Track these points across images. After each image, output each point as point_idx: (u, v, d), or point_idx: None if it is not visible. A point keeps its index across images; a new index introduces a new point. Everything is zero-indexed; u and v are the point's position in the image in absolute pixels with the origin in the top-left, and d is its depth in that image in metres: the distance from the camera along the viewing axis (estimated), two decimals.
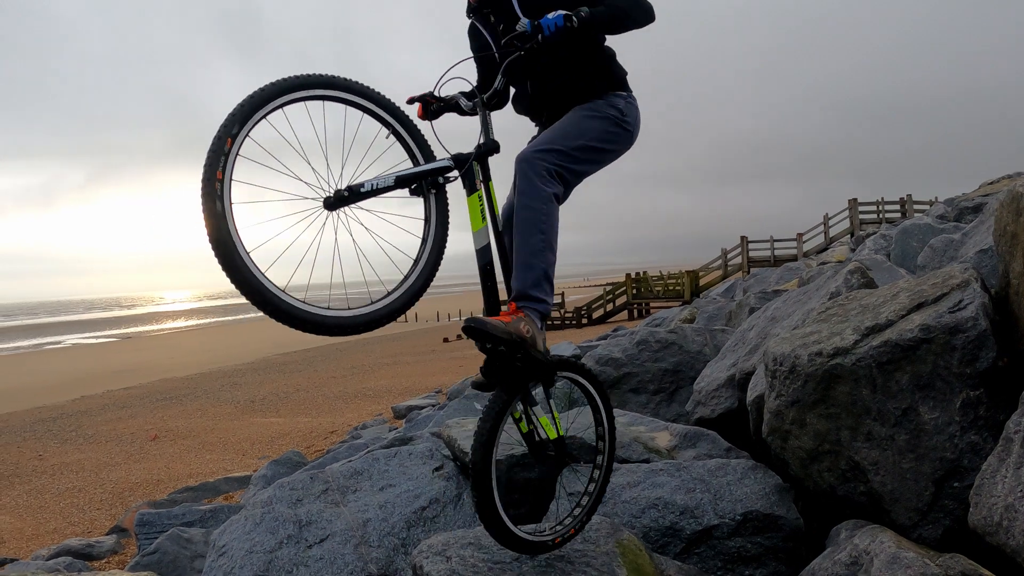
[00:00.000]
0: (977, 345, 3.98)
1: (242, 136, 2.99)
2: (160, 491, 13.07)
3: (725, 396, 6.29)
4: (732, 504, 4.46)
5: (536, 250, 3.63)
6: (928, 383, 4.03)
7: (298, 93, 3.18)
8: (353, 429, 15.90)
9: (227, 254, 2.88)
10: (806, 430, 4.37)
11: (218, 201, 2.86)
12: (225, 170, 2.91)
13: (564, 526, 3.91)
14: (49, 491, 14.08)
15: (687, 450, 5.38)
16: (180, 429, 19.51)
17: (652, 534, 4.39)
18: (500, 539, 3.63)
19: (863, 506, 4.21)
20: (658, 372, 7.97)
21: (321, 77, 3.26)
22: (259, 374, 32.08)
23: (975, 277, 4.43)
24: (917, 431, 4.02)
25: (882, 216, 43.23)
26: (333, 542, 4.98)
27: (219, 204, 2.86)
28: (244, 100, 3.03)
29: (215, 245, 2.86)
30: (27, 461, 17.04)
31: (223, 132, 2.94)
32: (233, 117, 2.97)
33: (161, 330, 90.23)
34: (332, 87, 3.30)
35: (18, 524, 12.07)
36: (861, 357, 4.14)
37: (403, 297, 3.47)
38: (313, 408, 21.05)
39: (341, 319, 3.23)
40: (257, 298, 2.95)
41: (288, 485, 5.61)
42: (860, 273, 6.47)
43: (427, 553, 3.76)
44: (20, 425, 22.54)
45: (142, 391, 29.22)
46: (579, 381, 3.99)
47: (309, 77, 3.21)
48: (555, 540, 3.83)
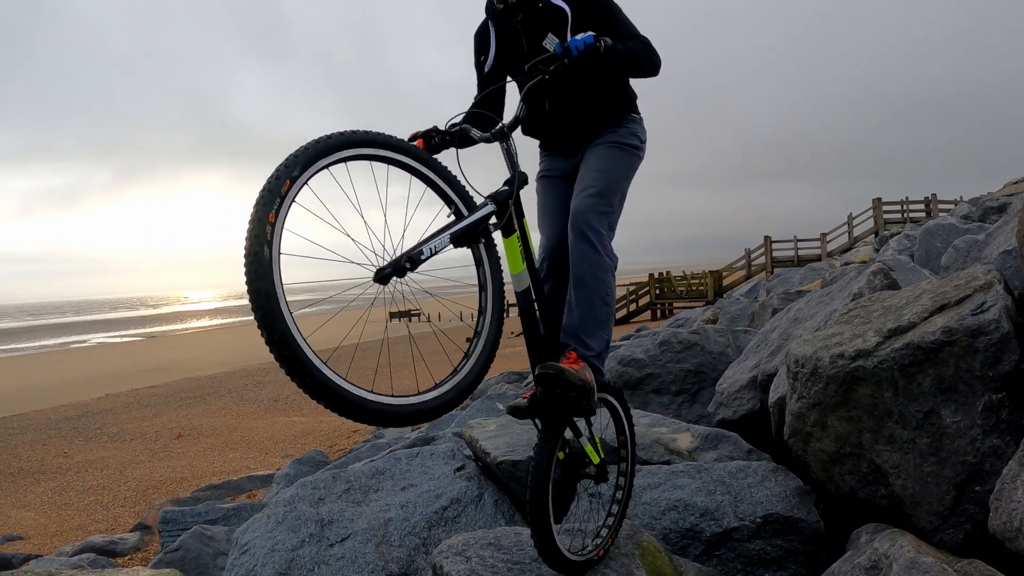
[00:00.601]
0: (1000, 348, 3.96)
1: (302, 181, 2.72)
2: (184, 489, 13.14)
3: (747, 397, 6.27)
4: (752, 506, 4.46)
5: (602, 321, 3.77)
6: (950, 386, 4.01)
7: (364, 150, 2.96)
8: (376, 429, 15.93)
9: (268, 308, 2.56)
10: (827, 432, 4.36)
11: (267, 247, 2.55)
12: (279, 214, 2.62)
13: (602, 538, 3.93)
14: (73, 488, 14.18)
15: (708, 452, 5.37)
16: (204, 428, 19.60)
17: (672, 536, 4.39)
18: (561, 570, 3.62)
19: (884, 509, 4.19)
20: (680, 373, 7.96)
21: (389, 138, 3.06)
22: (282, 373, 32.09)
23: (998, 279, 4.41)
24: (939, 434, 4.00)
25: (907, 216, 42.95)
26: (354, 541, 5.00)
27: (267, 251, 2.55)
28: (309, 144, 2.79)
29: (256, 296, 2.55)
30: (52, 459, 17.16)
31: (282, 173, 2.66)
32: (296, 159, 2.71)
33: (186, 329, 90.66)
34: (398, 150, 3.10)
35: (43, 521, 12.16)
36: (883, 359, 4.13)
37: (470, 375, 3.24)
38: None
39: (391, 407, 2.98)
40: (295, 366, 2.66)
41: (310, 484, 5.64)
42: (883, 274, 6.44)
43: (447, 553, 3.78)
44: (45, 423, 22.70)
45: (167, 390, 29.35)
46: (611, 403, 4.05)
47: (378, 135, 3.00)
48: (599, 554, 3.85)
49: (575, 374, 3.45)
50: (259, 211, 2.58)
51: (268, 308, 2.55)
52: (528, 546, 3.81)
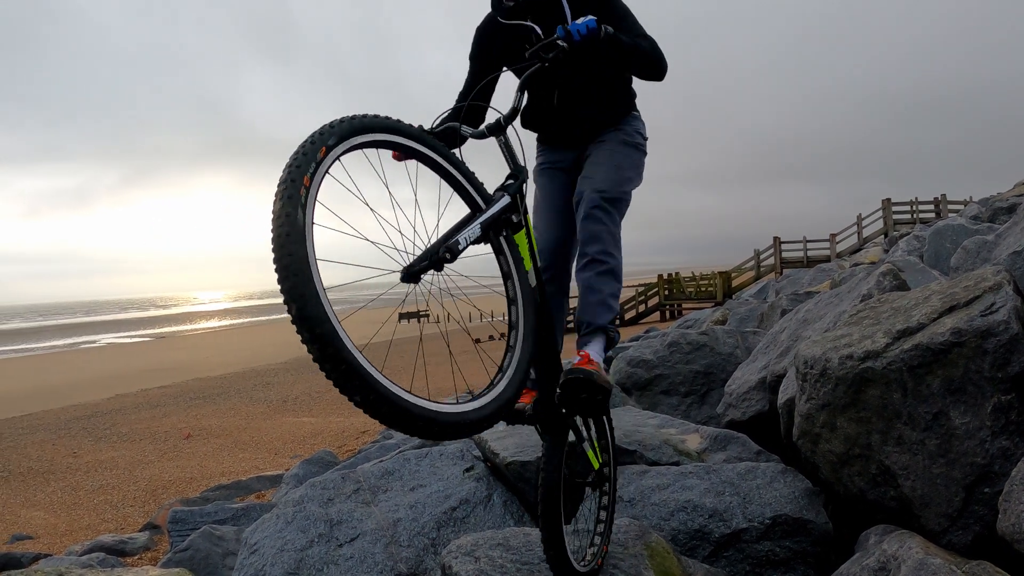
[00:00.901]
0: (1009, 349, 3.96)
1: (338, 152, 2.46)
2: (193, 489, 13.18)
3: (756, 399, 6.27)
4: (761, 508, 4.47)
5: (614, 292, 3.80)
6: (959, 387, 4.00)
7: (391, 137, 2.74)
8: (385, 429, 15.96)
9: (298, 275, 2.19)
10: (836, 434, 4.36)
11: (300, 210, 2.24)
12: (313, 179, 2.33)
13: (597, 546, 3.92)
14: (83, 488, 14.23)
15: (717, 453, 5.38)
16: (213, 428, 19.65)
17: (681, 537, 4.40)
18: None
19: (893, 511, 4.18)
20: (689, 374, 7.97)
21: (411, 127, 2.84)
22: (292, 374, 32.22)
23: (1008, 280, 4.41)
24: (948, 436, 3.99)
25: (916, 216, 42.90)
26: (363, 541, 5.02)
27: (301, 213, 2.24)
28: (346, 118, 2.54)
29: (286, 264, 2.20)
30: (62, 458, 17.22)
31: (318, 139, 2.41)
32: (332, 128, 2.47)
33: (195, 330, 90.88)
34: (420, 141, 2.89)
35: (52, 520, 12.21)
36: (892, 361, 4.12)
37: (514, 378, 2.89)
38: (346, 408, 21.09)
39: (451, 415, 2.57)
40: (328, 349, 2.28)
41: (319, 484, 5.66)
42: (892, 275, 6.44)
43: (456, 553, 3.79)
44: (55, 423, 22.79)
45: (176, 390, 29.43)
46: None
47: (404, 124, 2.80)
48: (598, 563, 3.85)
49: (600, 376, 3.43)
50: (293, 172, 2.30)
51: (299, 275, 2.19)
52: (537, 547, 3.82)
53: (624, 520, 4.26)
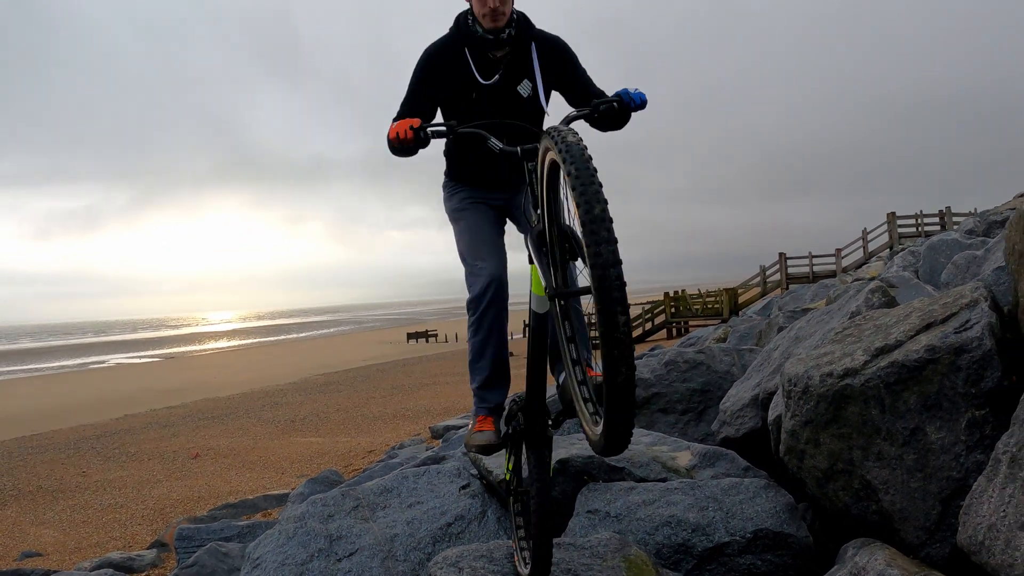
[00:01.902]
0: (982, 365, 4.06)
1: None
2: (200, 508, 13.29)
3: (750, 416, 6.33)
4: (743, 522, 4.57)
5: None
6: (935, 403, 4.11)
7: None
8: (390, 449, 16.05)
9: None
10: (820, 450, 4.46)
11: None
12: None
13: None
14: (92, 506, 14.35)
15: (706, 469, 5.47)
16: (221, 448, 19.76)
17: (665, 551, 4.51)
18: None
19: (876, 525, 4.29)
20: (686, 392, 8.04)
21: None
22: (300, 394, 32.33)
23: (984, 296, 4.51)
24: (925, 450, 4.10)
25: (921, 230, 42.87)
26: (361, 556, 5.15)
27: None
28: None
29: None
30: (71, 477, 17.35)
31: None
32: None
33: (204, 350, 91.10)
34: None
35: (61, 538, 12.33)
36: (870, 378, 4.23)
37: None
38: (353, 428, 21.23)
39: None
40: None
41: (320, 501, 5.79)
42: (881, 292, 6.53)
43: (442, 564, 3.93)
44: (65, 442, 22.93)
45: (185, 410, 29.55)
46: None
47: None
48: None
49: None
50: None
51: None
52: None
53: (606, 534, 4.39)
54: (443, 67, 4.12)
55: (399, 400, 26.87)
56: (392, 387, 31.94)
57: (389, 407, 25.01)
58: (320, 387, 34.84)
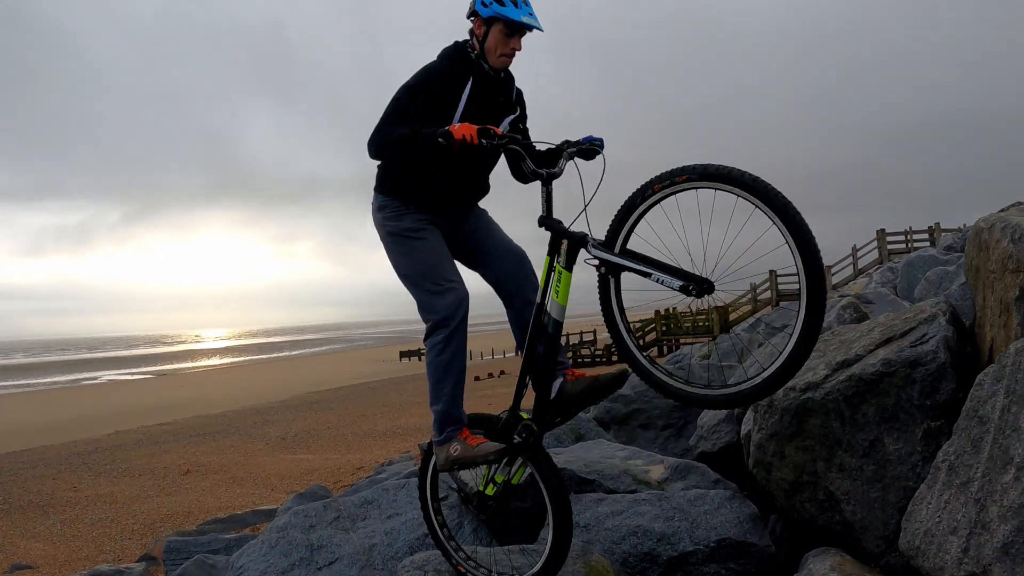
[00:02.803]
0: (937, 378, 4.21)
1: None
2: (190, 522, 13.35)
3: (725, 431, 6.44)
4: (708, 532, 4.71)
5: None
6: (892, 415, 4.25)
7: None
8: (379, 466, 16.10)
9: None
10: (786, 462, 4.60)
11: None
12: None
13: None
14: (82, 521, 14.41)
15: (677, 482, 5.57)
16: (212, 464, 19.81)
17: (631, 559, 4.64)
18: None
19: (840, 535, 4.43)
20: (666, 408, 8.15)
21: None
22: (292, 411, 32.32)
23: (944, 311, 4.66)
24: (883, 461, 4.24)
25: (911, 246, 42.97)
26: (340, 564, 5.28)
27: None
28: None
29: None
30: (62, 492, 17.40)
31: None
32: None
33: (196, 367, 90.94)
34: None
35: (51, 551, 12.40)
36: (829, 391, 4.38)
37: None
38: (343, 445, 21.28)
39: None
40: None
41: (302, 512, 5.91)
42: (853, 308, 6.66)
43: (408, 567, 4.09)
44: (56, 458, 22.95)
45: (176, 427, 29.55)
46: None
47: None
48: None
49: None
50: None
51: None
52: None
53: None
54: (442, 91, 4.19)
55: (390, 418, 26.90)
56: (383, 405, 31.94)
57: (380, 425, 25.04)
58: (311, 405, 34.83)
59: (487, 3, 4.10)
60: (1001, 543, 2.96)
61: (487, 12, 4.10)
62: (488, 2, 4.10)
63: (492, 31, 4.14)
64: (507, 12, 4.06)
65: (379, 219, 4.40)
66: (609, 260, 3.79)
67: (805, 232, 3.28)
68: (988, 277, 4.49)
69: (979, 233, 4.66)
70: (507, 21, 4.08)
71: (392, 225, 4.33)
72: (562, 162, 4.07)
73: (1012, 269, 4.12)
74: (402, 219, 4.32)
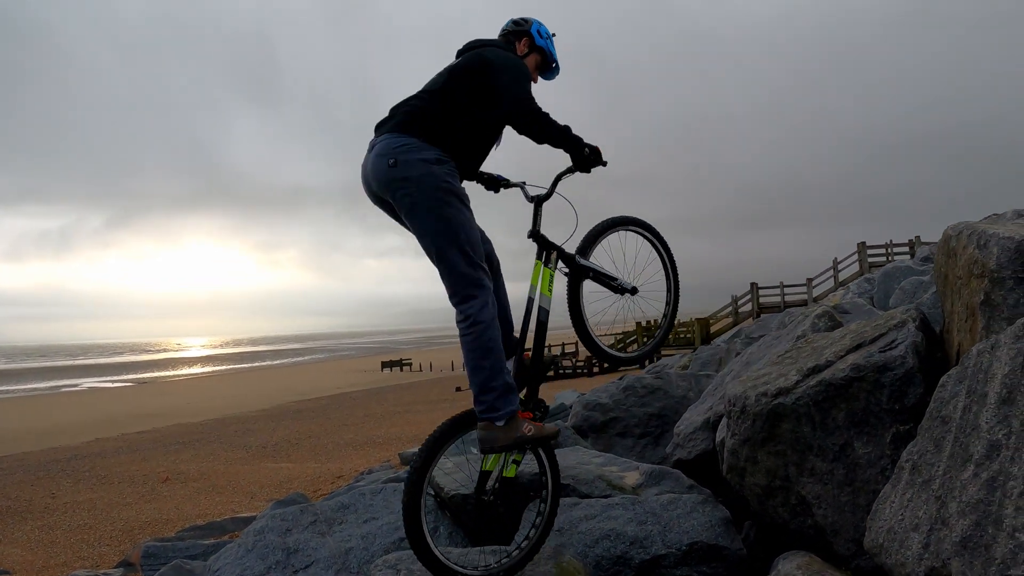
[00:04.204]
0: (905, 382, 4.28)
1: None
2: (169, 529, 13.31)
3: (701, 438, 6.48)
4: (680, 535, 4.75)
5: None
6: (862, 419, 4.31)
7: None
8: (359, 474, 16.10)
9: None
10: (759, 467, 4.65)
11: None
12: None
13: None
14: (60, 527, 14.35)
15: (652, 488, 5.61)
16: (192, 472, 19.75)
17: (604, 563, 4.67)
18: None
19: (812, 539, 4.48)
20: (644, 416, 8.20)
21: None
22: (272, 421, 32.27)
23: (913, 317, 4.73)
24: (853, 465, 4.30)
25: (891, 258, 43.25)
26: (316, 568, 5.29)
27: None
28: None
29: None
30: (40, 499, 17.32)
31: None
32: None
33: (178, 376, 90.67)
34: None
35: (29, 557, 12.34)
36: (800, 396, 4.43)
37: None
38: (323, 454, 21.24)
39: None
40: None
41: (279, 516, 5.92)
42: (828, 317, 6.73)
43: (381, 566, 4.13)
44: (35, 464, 22.86)
45: (156, 435, 29.47)
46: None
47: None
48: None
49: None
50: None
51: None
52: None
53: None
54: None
55: (371, 428, 26.88)
56: (364, 415, 31.92)
57: (360, 434, 25.01)
58: (292, 414, 34.78)
59: (544, 35, 4.76)
60: (960, 537, 3.02)
61: (540, 42, 4.72)
62: (545, 35, 4.76)
63: (532, 56, 4.72)
64: (555, 52, 4.80)
65: (438, 172, 4.13)
66: (591, 267, 4.66)
67: (671, 253, 5.17)
68: (955, 283, 4.57)
69: (947, 240, 4.74)
70: (548, 56, 4.78)
71: (454, 185, 4.20)
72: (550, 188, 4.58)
73: (978, 274, 4.20)
74: (458, 181, 4.26)
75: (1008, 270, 4.04)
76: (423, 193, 4.08)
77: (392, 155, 4.10)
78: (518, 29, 4.72)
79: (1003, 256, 4.06)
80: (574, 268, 4.61)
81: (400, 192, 4.10)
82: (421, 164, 4.09)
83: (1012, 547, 2.82)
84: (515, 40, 4.71)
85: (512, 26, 4.76)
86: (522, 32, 4.70)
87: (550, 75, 4.87)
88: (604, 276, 4.72)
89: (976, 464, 3.14)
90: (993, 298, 4.08)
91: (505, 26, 4.81)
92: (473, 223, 4.24)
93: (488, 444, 4.03)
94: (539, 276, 4.45)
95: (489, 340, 4.03)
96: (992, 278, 4.08)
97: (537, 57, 4.71)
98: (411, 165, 4.08)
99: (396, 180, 4.09)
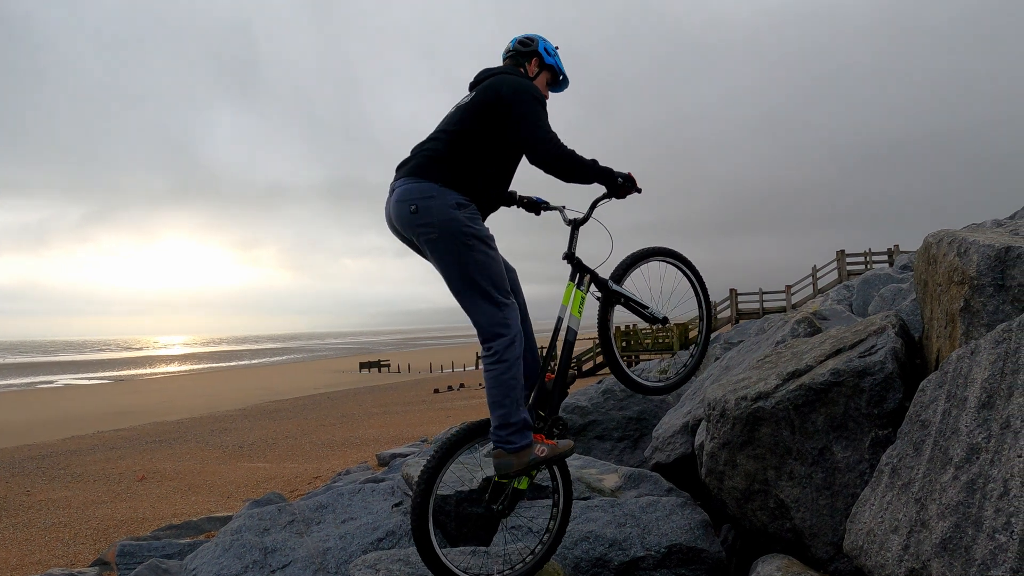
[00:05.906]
0: (884, 387, 4.30)
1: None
2: (144, 528, 13.24)
3: (680, 442, 6.51)
4: (659, 538, 4.77)
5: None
6: (841, 424, 4.34)
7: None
8: (336, 475, 16.07)
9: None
10: (738, 471, 4.66)
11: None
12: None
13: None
14: (35, 525, 14.24)
15: (631, 490, 5.63)
16: (168, 471, 19.65)
17: (583, 564, 4.68)
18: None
19: (790, 542, 4.50)
20: (623, 420, 8.21)
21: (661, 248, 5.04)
22: (249, 420, 32.13)
23: (893, 324, 4.76)
24: (832, 469, 4.32)
25: (870, 267, 43.44)
26: (294, 568, 5.27)
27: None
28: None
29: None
30: (14, 496, 17.19)
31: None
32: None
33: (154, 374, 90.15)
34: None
35: (3, 555, 12.25)
36: (780, 400, 4.46)
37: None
38: (300, 454, 21.18)
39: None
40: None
41: (257, 516, 5.90)
42: (807, 323, 6.75)
43: (360, 566, 4.11)
44: (9, 461, 22.69)
45: (132, 433, 29.30)
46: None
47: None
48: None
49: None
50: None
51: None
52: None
53: (520, 545, 4.59)
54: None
55: (348, 428, 26.80)
56: (341, 415, 31.84)
57: (338, 435, 24.94)
58: (269, 414, 34.65)
59: (551, 53, 4.78)
60: (939, 539, 3.04)
61: (550, 60, 4.75)
62: (552, 52, 4.79)
63: (543, 75, 4.75)
64: (562, 67, 4.84)
65: (459, 217, 4.15)
66: (623, 293, 4.78)
67: (704, 286, 5.38)
68: (935, 290, 4.60)
69: (928, 248, 4.77)
70: (557, 72, 4.82)
71: (476, 228, 4.21)
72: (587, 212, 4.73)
73: (957, 281, 4.23)
74: (479, 223, 4.26)
75: (988, 277, 4.07)
76: (445, 239, 4.12)
77: (413, 201, 4.15)
78: (526, 50, 4.73)
79: (983, 263, 4.09)
80: (606, 293, 4.73)
81: (423, 237, 4.17)
82: (442, 210, 4.12)
83: (992, 548, 2.84)
84: (524, 62, 4.71)
85: (519, 47, 4.75)
86: (531, 53, 4.71)
87: (559, 88, 4.91)
88: (636, 303, 4.85)
89: (956, 467, 3.17)
90: (973, 305, 4.11)
91: (510, 47, 4.78)
92: (498, 261, 4.29)
93: (503, 470, 4.11)
94: (571, 297, 4.56)
95: (511, 379, 4.10)
96: (972, 285, 4.12)
97: (548, 75, 4.74)
98: (432, 211, 4.12)
99: (419, 225, 4.15)
